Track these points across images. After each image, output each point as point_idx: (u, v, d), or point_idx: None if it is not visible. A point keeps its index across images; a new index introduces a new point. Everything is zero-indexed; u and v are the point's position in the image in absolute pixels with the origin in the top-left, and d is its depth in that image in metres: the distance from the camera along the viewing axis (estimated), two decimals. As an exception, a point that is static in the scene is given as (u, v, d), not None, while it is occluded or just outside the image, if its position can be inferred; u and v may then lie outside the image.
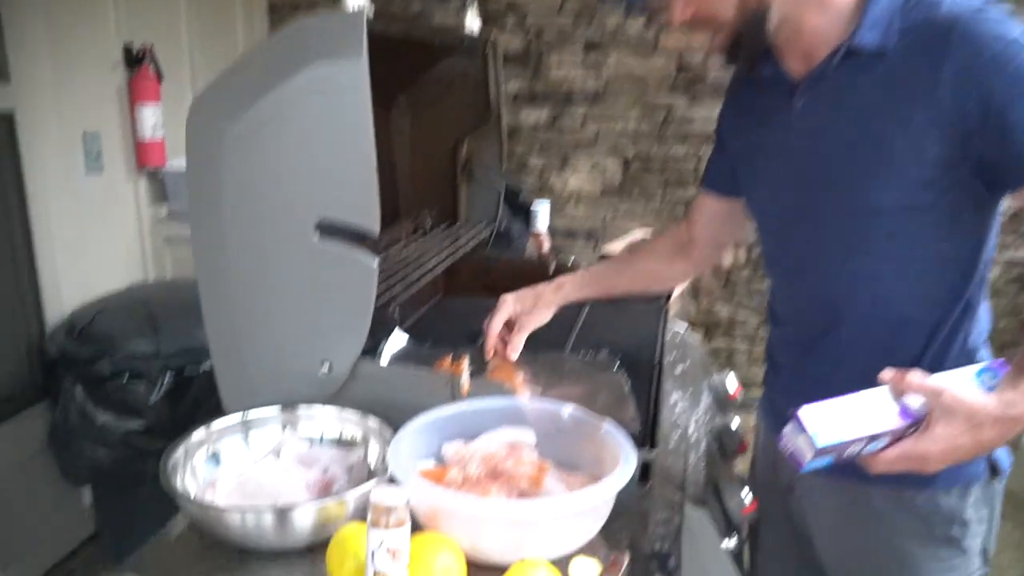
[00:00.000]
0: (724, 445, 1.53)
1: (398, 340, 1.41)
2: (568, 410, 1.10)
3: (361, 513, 0.78)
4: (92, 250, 2.57)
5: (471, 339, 1.28)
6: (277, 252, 1.12)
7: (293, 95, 1.04)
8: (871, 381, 0.88)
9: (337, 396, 1.16)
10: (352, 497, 0.92)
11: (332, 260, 1.10)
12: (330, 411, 1.14)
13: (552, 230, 2.50)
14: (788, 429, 0.85)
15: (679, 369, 1.66)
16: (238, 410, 1.12)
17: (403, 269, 1.57)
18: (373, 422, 1.10)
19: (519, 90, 3.42)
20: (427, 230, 1.90)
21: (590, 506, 0.91)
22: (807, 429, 0.83)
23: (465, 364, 1.21)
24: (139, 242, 2.80)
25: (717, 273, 3.44)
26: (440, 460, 1.07)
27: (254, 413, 1.11)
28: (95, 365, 2.17)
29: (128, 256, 2.75)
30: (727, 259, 3.40)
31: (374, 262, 1.09)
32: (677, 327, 1.89)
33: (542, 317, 1.29)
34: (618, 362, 1.41)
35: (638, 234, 2.90)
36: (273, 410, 1.13)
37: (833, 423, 0.83)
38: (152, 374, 2.19)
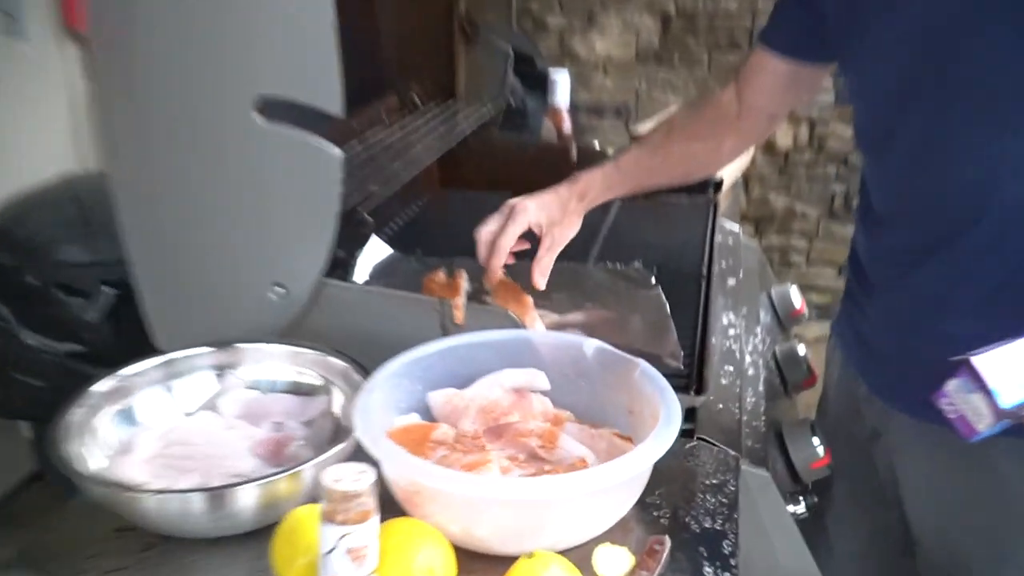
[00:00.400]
0: (787, 378, 1.50)
1: (376, 252, 1.37)
2: (592, 345, 1.03)
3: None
4: (10, 134, 2.44)
5: (472, 249, 1.20)
6: (210, 140, 1.03)
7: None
8: (1005, 303, 0.85)
9: (294, 329, 1.10)
10: (309, 469, 0.83)
11: (282, 149, 1.02)
12: (281, 350, 1.07)
13: (574, 106, 2.49)
14: (954, 385, 0.79)
15: (731, 282, 1.60)
16: (174, 348, 1.06)
17: (384, 158, 1.52)
18: (338, 363, 1.03)
19: (533, -71, 3.31)
20: (417, 107, 1.85)
21: (620, 481, 0.82)
22: (988, 384, 0.76)
23: (463, 282, 1.15)
24: (70, 123, 2.67)
25: (772, 157, 3.34)
26: (425, 414, 1.01)
27: (179, 354, 1.04)
28: (19, 277, 2.08)
29: (56, 141, 2.63)
30: (785, 139, 3.32)
31: (337, 150, 1.01)
32: (728, 226, 1.83)
33: (573, 229, 1.24)
34: (655, 275, 1.39)
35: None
36: (205, 350, 1.05)
37: (1017, 375, 0.77)
38: (89, 287, 2.10)
